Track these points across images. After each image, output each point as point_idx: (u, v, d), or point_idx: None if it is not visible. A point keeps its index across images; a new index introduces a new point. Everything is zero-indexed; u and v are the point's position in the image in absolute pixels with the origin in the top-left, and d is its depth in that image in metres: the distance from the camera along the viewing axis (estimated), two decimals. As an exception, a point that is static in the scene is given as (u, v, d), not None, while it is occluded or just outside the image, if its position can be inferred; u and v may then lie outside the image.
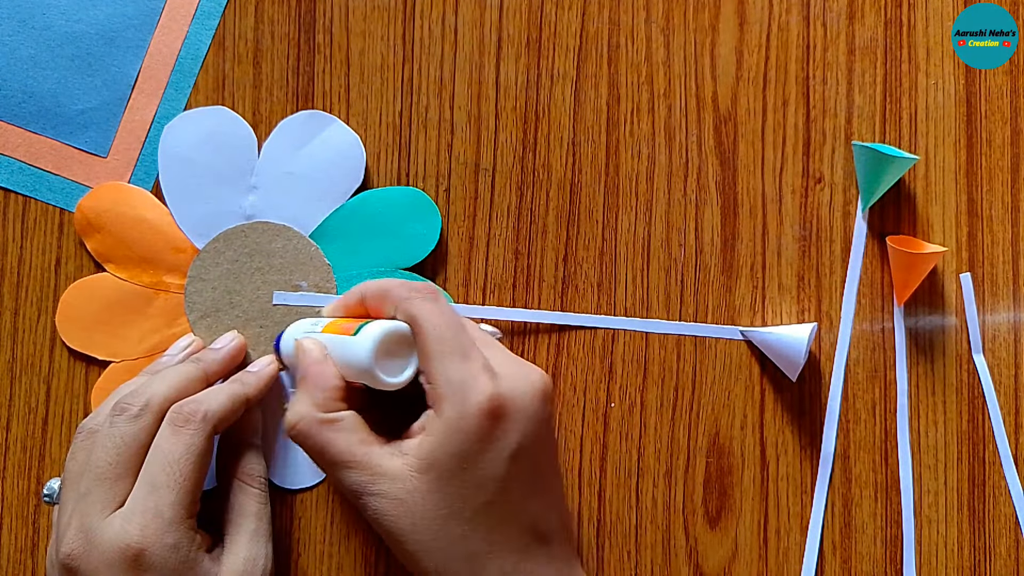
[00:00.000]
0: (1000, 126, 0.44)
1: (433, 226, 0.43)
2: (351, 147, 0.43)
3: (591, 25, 0.44)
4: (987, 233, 0.44)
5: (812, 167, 0.44)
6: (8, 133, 0.43)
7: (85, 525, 0.34)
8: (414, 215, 0.43)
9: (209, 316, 0.42)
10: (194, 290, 0.42)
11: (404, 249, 0.43)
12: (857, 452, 0.43)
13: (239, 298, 0.42)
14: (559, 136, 0.44)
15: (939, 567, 0.43)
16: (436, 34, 0.44)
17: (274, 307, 0.42)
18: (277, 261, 0.43)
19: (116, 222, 0.43)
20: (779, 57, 0.44)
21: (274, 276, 0.43)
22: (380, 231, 0.43)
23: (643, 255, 0.44)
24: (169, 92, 0.44)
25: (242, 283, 0.42)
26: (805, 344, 0.41)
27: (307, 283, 0.42)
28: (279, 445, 0.42)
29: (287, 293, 0.42)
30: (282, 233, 0.43)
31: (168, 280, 0.43)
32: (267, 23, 0.44)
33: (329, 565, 0.42)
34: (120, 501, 0.35)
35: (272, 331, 0.42)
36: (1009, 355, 0.44)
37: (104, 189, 0.43)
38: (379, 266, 0.42)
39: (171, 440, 0.35)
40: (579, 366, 0.43)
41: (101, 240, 0.43)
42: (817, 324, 0.43)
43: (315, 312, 0.42)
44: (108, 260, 0.43)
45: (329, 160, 0.43)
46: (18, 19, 0.44)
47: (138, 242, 0.43)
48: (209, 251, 0.43)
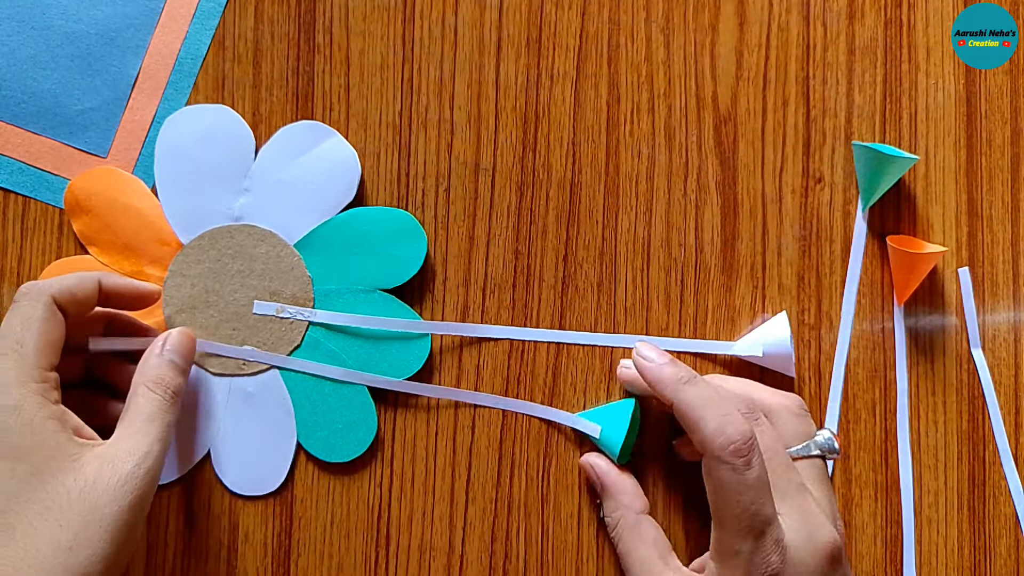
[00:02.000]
0: (1000, 126, 0.44)
1: (418, 251, 0.43)
2: (347, 162, 0.43)
3: (591, 25, 0.44)
4: (987, 233, 0.44)
5: (812, 167, 0.44)
6: (8, 133, 0.43)
7: None
8: (401, 238, 0.43)
9: (185, 312, 0.42)
10: (173, 284, 0.42)
11: (387, 270, 0.42)
12: (857, 452, 0.43)
13: (216, 298, 0.42)
14: (559, 136, 0.44)
15: (939, 567, 0.43)
16: (436, 34, 0.44)
17: (251, 314, 0.42)
18: (259, 266, 0.43)
19: (105, 206, 0.43)
20: (779, 57, 0.44)
21: (254, 281, 0.42)
22: (365, 250, 0.42)
23: (643, 255, 0.44)
24: (169, 92, 0.44)
25: (222, 283, 0.42)
26: (789, 343, 0.41)
27: (286, 292, 0.42)
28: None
29: (267, 303, 0.42)
30: (267, 239, 0.43)
31: (149, 271, 0.43)
32: (267, 23, 0.44)
33: (329, 565, 0.42)
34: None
35: (245, 335, 0.42)
36: (1009, 355, 0.44)
37: (98, 172, 0.43)
38: (359, 284, 0.42)
39: (9, 316, 0.36)
40: (579, 366, 0.43)
41: (88, 223, 0.43)
42: (785, 312, 0.43)
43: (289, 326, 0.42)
44: (92, 243, 0.43)
45: (324, 172, 0.43)
46: (18, 19, 0.43)
47: (124, 229, 0.43)
48: (193, 247, 0.43)
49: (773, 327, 0.42)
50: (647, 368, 0.38)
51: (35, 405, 0.34)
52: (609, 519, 0.41)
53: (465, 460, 0.43)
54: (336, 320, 0.42)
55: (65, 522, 0.33)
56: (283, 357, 0.42)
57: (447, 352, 0.43)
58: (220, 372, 0.42)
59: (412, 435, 0.43)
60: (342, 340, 0.42)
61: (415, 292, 0.43)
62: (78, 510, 0.33)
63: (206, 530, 0.42)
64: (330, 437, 0.42)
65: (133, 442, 0.35)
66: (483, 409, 0.43)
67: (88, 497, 0.33)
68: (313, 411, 0.42)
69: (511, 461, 0.43)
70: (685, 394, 0.36)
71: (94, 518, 0.33)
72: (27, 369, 0.35)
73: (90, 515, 0.33)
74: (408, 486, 0.42)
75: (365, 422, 0.42)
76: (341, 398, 0.42)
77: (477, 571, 0.42)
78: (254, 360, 0.42)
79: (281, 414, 0.42)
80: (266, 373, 0.42)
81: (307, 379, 0.42)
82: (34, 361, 0.35)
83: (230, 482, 0.42)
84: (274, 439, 0.42)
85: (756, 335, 0.42)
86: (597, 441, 0.41)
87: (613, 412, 0.41)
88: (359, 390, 0.42)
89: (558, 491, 0.43)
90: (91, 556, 0.33)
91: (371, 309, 0.42)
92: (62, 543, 0.32)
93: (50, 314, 0.36)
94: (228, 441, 0.42)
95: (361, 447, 0.42)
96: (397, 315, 0.42)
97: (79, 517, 0.33)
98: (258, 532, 0.42)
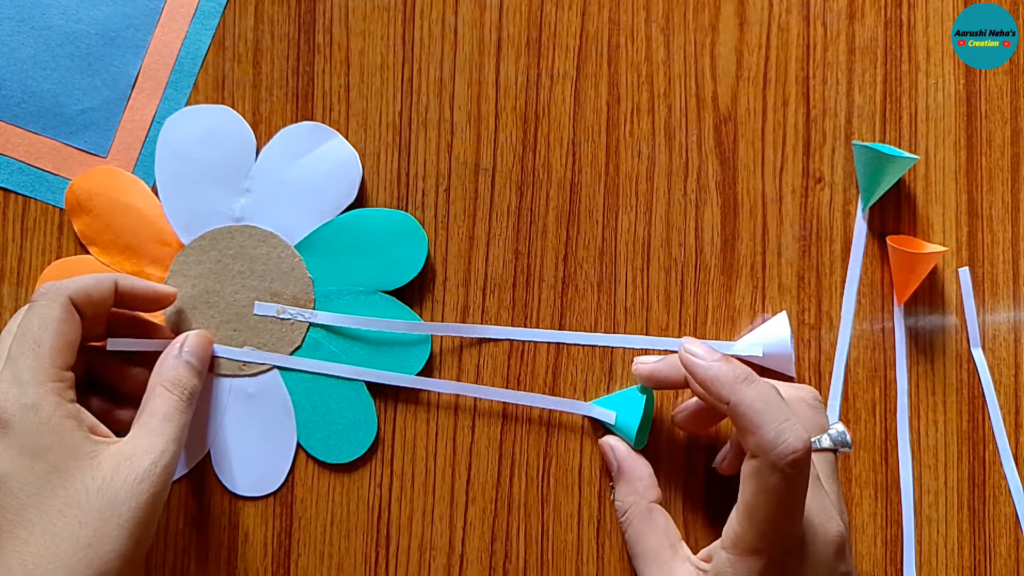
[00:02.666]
0: (1000, 126, 0.44)
1: (419, 252, 0.43)
2: (348, 163, 0.43)
3: (591, 25, 0.44)
4: (987, 233, 0.44)
5: (812, 167, 0.44)
6: (8, 133, 0.43)
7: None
8: (402, 239, 0.43)
9: (186, 312, 0.42)
10: (174, 284, 0.42)
11: (387, 272, 0.42)
12: (857, 452, 0.43)
13: (216, 299, 0.42)
14: (559, 136, 0.44)
15: (939, 567, 0.43)
16: (436, 34, 0.44)
17: (252, 314, 0.42)
18: (259, 267, 0.43)
19: (106, 206, 0.43)
20: (779, 57, 0.44)
21: (254, 281, 0.42)
22: (366, 251, 0.42)
23: (643, 255, 0.44)
24: (169, 92, 0.44)
25: (222, 284, 0.42)
26: (789, 342, 0.41)
27: (286, 294, 0.42)
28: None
29: (268, 304, 0.42)
30: (268, 240, 0.43)
31: (149, 271, 0.43)
32: (267, 23, 0.44)
33: (329, 565, 0.42)
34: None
35: (245, 336, 0.42)
36: (1009, 355, 0.44)
37: (99, 172, 0.43)
38: (360, 286, 0.42)
39: (26, 316, 0.36)
40: (579, 366, 0.43)
41: (88, 222, 0.43)
42: (785, 312, 0.43)
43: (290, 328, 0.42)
44: (92, 243, 0.43)
45: (325, 173, 0.43)
46: (18, 19, 0.43)
47: (125, 229, 0.43)
48: (194, 248, 0.43)
49: (773, 327, 0.42)
50: (698, 366, 0.36)
51: (52, 404, 0.34)
52: (620, 503, 0.40)
53: (465, 460, 0.43)
54: (337, 321, 0.42)
55: (84, 519, 0.33)
56: (284, 357, 0.42)
57: (447, 353, 0.43)
58: (220, 373, 0.42)
59: (412, 435, 0.43)
60: (343, 341, 0.42)
61: (415, 293, 0.43)
62: (97, 507, 0.33)
63: (206, 530, 0.42)
64: (330, 438, 0.42)
65: (149, 440, 0.36)
66: (483, 410, 0.43)
67: (106, 494, 0.34)
68: (313, 412, 0.42)
69: (511, 461, 0.43)
70: (745, 394, 0.34)
71: (112, 515, 0.33)
72: (44, 368, 0.35)
73: (108, 512, 0.33)
74: (408, 486, 0.42)
75: (365, 423, 0.42)
76: (341, 399, 0.42)
77: (477, 571, 0.42)
78: (254, 361, 0.42)
79: (281, 415, 0.42)
80: (266, 374, 0.42)
81: (307, 380, 0.42)
82: (51, 360, 0.35)
83: (230, 483, 0.42)
84: (274, 440, 0.42)
85: (756, 335, 0.42)
86: (612, 428, 0.41)
87: (626, 398, 0.41)
88: (359, 391, 0.42)
89: (558, 491, 0.43)
90: (110, 552, 0.33)
91: (372, 310, 0.42)
92: (81, 540, 0.33)
93: (68, 315, 0.36)
94: (228, 442, 0.42)
95: (361, 448, 0.42)
96: (398, 316, 0.42)
97: (97, 514, 0.33)
98: (258, 532, 0.42)
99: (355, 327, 0.42)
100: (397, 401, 0.43)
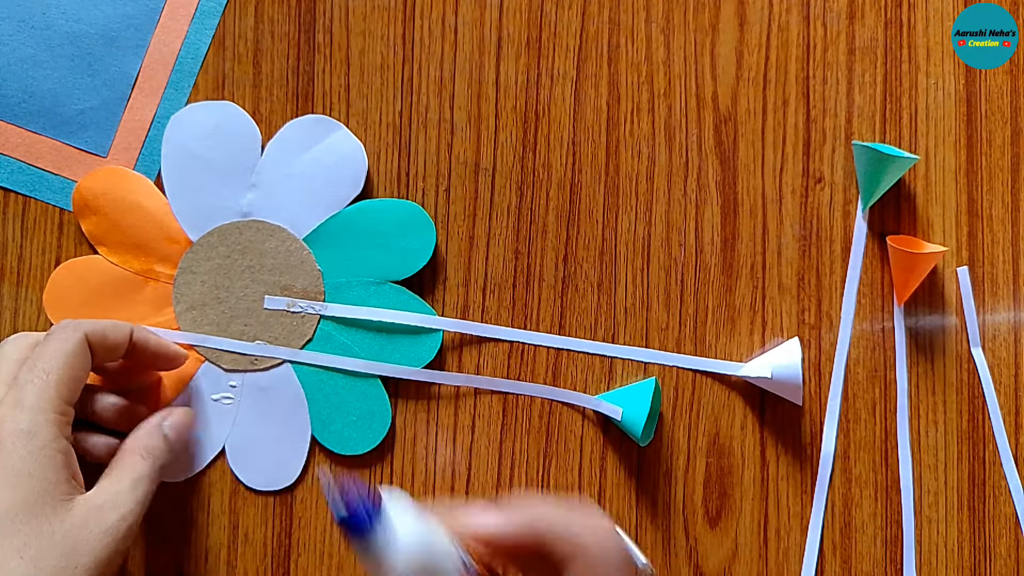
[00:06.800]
0: (1000, 126, 0.44)
1: (427, 242, 0.43)
2: (354, 155, 0.43)
3: (591, 25, 0.44)
4: (987, 233, 0.44)
5: (812, 167, 0.44)
6: (8, 133, 0.43)
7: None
8: (410, 229, 0.43)
9: (196, 309, 0.42)
10: (184, 282, 0.42)
11: (396, 262, 0.42)
12: (857, 452, 0.43)
13: (227, 294, 0.42)
14: (559, 136, 0.44)
15: (939, 567, 0.43)
16: (436, 34, 0.44)
17: (262, 309, 0.42)
18: (269, 261, 0.43)
19: (113, 206, 0.43)
20: (779, 57, 0.44)
21: (264, 276, 0.43)
22: (374, 242, 0.43)
23: (643, 255, 0.44)
24: (169, 92, 0.44)
25: (232, 280, 0.43)
26: (799, 370, 0.41)
27: (296, 287, 0.42)
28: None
29: (278, 298, 0.42)
30: (276, 234, 0.43)
31: (159, 269, 0.43)
32: (267, 23, 0.44)
33: (329, 565, 0.42)
34: None
35: (256, 330, 0.42)
36: (1009, 354, 0.44)
37: (105, 172, 0.43)
38: (369, 276, 0.42)
39: (42, 345, 0.36)
40: (579, 366, 0.43)
41: (96, 222, 0.43)
42: (797, 338, 0.43)
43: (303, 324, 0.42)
44: (101, 243, 0.43)
45: (331, 166, 0.43)
46: (18, 19, 0.44)
47: (133, 228, 0.43)
48: (202, 244, 0.43)
49: (784, 352, 0.42)
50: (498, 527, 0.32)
51: (49, 435, 0.34)
52: None
53: (465, 460, 0.43)
54: (348, 313, 0.42)
55: (42, 564, 0.33)
56: (295, 351, 0.42)
57: (448, 352, 0.43)
58: (232, 368, 0.42)
59: (412, 435, 0.43)
60: (354, 333, 0.42)
61: (425, 284, 0.43)
62: (58, 552, 0.33)
63: (206, 530, 0.42)
64: (344, 430, 0.42)
65: (120, 497, 0.36)
66: (483, 409, 0.43)
67: (70, 540, 0.33)
68: (327, 404, 0.42)
69: (511, 461, 0.43)
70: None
71: (69, 564, 0.33)
72: (49, 398, 0.35)
73: (66, 560, 0.33)
74: (408, 486, 0.42)
75: (380, 414, 0.42)
76: (354, 391, 0.42)
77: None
78: (266, 356, 0.42)
79: (295, 408, 0.42)
80: (279, 368, 0.42)
81: (320, 373, 0.42)
82: (56, 392, 0.35)
83: (246, 478, 0.42)
84: (289, 434, 0.42)
85: (766, 357, 0.42)
86: (619, 423, 0.41)
87: (634, 393, 0.41)
88: (372, 382, 0.42)
89: (558, 491, 0.43)
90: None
91: (382, 301, 0.42)
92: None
93: (81, 350, 0.36)
94: (243, 437, 0.42)
95: (376, 439, 0.42)
96: (408, 306, 0.42)
97: (56, 561, 0.33)
98: (258, 532, 0.42)
99: (366, 318, 0.42)
100: (396, 401, 0.43)
